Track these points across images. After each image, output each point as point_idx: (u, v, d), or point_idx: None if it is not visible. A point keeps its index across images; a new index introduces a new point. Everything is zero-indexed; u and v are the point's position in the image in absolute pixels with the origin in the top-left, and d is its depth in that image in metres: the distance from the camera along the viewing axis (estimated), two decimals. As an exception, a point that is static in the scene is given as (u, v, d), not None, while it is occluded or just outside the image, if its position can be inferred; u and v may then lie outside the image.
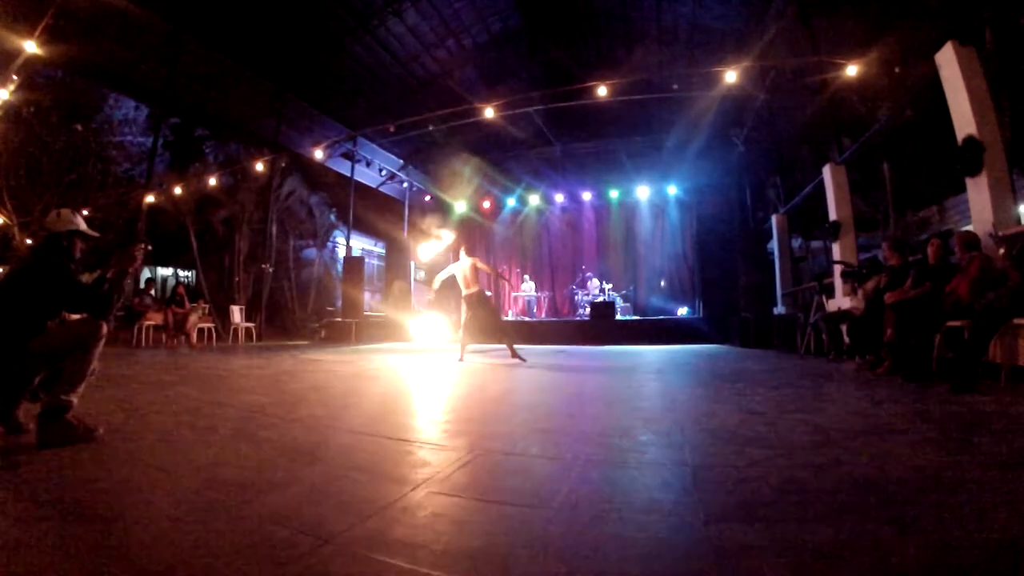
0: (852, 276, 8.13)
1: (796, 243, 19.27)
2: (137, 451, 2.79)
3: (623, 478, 2.30)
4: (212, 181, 17.53)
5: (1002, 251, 4.92)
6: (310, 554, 1.55)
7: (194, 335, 11.69)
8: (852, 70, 10.22)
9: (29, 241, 14.10)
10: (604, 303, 14.70)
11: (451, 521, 1.79)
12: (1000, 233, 5.82)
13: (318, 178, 20.67)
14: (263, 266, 17.84)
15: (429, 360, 8.86)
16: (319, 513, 1.86)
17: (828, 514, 1.81)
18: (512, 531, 1.70)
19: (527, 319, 17.73)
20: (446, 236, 8.12)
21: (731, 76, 11.55)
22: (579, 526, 1.73)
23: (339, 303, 18.95)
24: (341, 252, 21.18)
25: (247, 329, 14.94)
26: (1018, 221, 6.27)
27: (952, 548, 1.53)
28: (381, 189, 20.00)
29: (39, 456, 2.68)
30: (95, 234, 3.45)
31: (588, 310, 15.04)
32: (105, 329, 3.13)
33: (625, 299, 17.88)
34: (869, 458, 2.51)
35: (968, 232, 6.10)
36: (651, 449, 2.75)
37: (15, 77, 12.76)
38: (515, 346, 8.29)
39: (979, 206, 6.58)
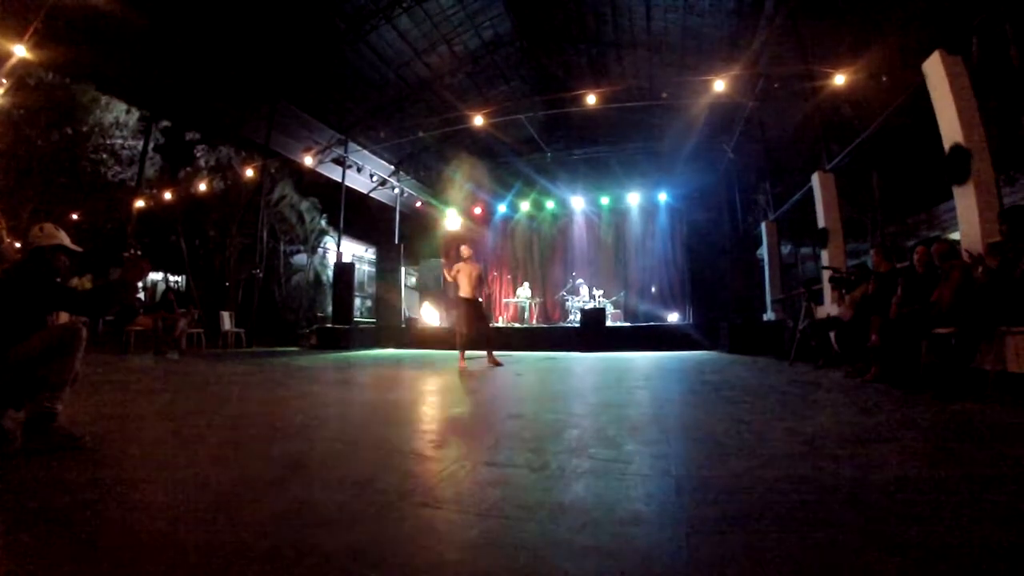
0: (840, 282, 8.17)
1: (786, 249, 19.37)
2: (123, 460, 2.78)
3: (607, 489, 2.30)
4: (202, 185, 17.48)
5: (980, 269, 4.96)
6: (292, 565, 1.54)
7: (183, 341, 11.61)
8: (840, 78, 10.31)
9: (18, 245, 14.01)
10: (594, 309, 14.68)
11: (433, 533, 1.79)
12: (986, 242, 5.86)
13: (309, 183, 20.64)
14: (253, 271, 17.77)
15: (417, 367, 8.85)
16: (302, 523, 1.85)
17: (810, 526, 1.81)
18: (494, 544, 1.69)
19: (518, 325, 17.69)
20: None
21: (720, 85, 11.63)
22: (561, 539, 1.73)
23: (330, 309, 18.90)
24: (331, 258, 21.13)
25: (237, 335, 14.86)
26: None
27: (935, 560, 1.54)
28: (372, 195, 19.97)
29: (25, 465, 2.66)
30: (78, 248, 3.43)
31: (578, 316, 15.02)
32: (85, 333, 3.13)
33: (615, 305, 17.89)
34: (853, 468, 2.52)
35: (944, 242, 6.14)
36: (636, 459, 2.75)
37: (4, 81, 12.70)
38: (495, 352, 8.79)
39: (966, 213, 6.63)
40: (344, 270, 16.93)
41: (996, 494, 2.11)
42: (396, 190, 19.97)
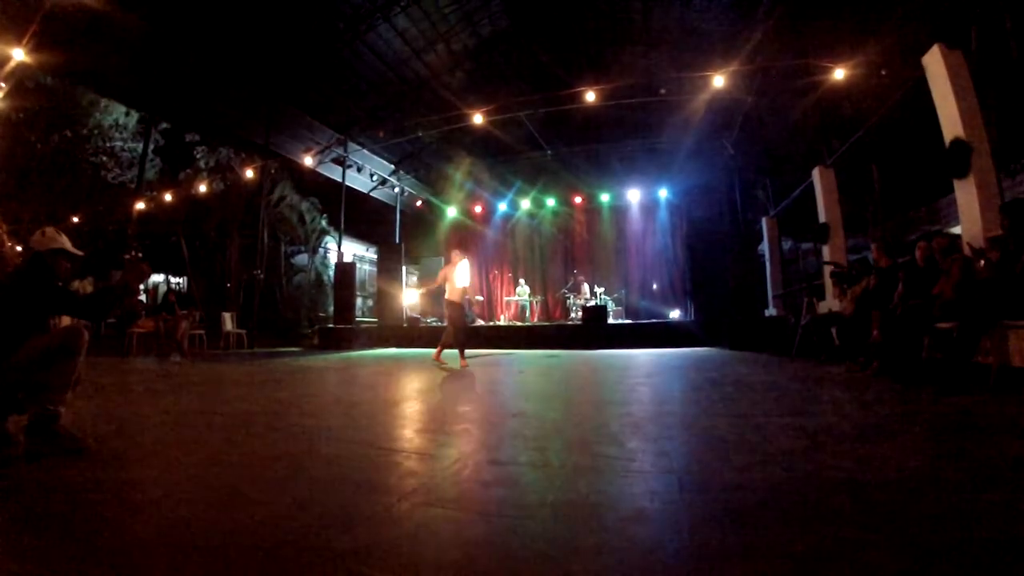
0: (841, 278, 8.16)
1: (786, 245, 19.37)
2: (125, 461, 2.79)
3: (610, 486, 2.30)
4: (202, 187, 17.48)
5: (982, 263, 4.94)
6: (294, 565, 1.54)
7: (185, 343, 11.60)
8: (840, 73, 10.29)
9: (19, 248, 14.01)
10: (596, 307, 14.68)
11: (436, 533, 1.79)
12: (987, 236, 5.86)
13: (309, 183, 20.64)
14: (254, 272, 17.78)
15: (418, 366, 8.84)
16: (305, 523, 1.86)
17: (812, 521, 1.81)
18: (497, 543, 1.70)
19: (519, 323, 17.70)
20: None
21: (719, 80, 11.61)
22: (564, 537, 1.73)
23: (331, 309, 18.91)
24: (332, 257, 21.14)
25: (238, 336, 14.87)
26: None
27: (935, 555, 1.54)
28: (372, 194, 19.97)
29: (27, 467, 2.67)
30: (79, 253, 3.44)
31: (580, 314, 15.02)
32: (87, 336, 3.13)
33: (617, 302, 17.88)
34: (855, 463, 2.52)
35: (945, 237, 6.14)
36: (639, 456, 2.75)
37: (3, 84, 12.70)
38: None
39: (967, 207, 6.62)
40: (345, 270, 16.91)
41: (997, 490, 2.11)
42: (396, 189, 19.97)
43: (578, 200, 19.95)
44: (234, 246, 19.84)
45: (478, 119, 14.01)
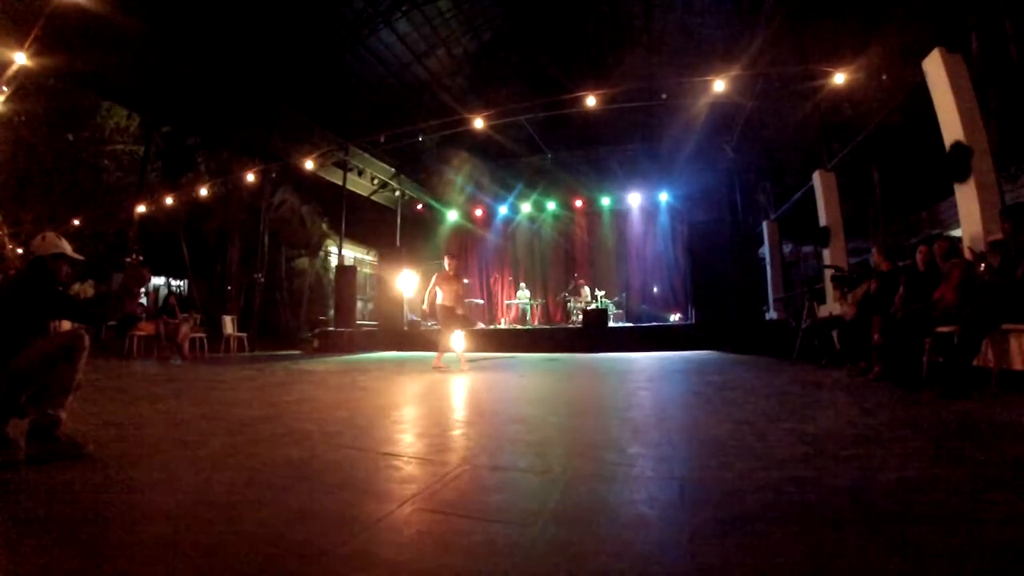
0: (842, 281, 8.15)
1: (787, 248, 19.36)
2: (126, 467, 2.78)
3: (610, 493, 2.30)
4: (204, 190, 17.47)
5: (983, 266, 4.94)
6: (295, 569, 1.54)
7: (186, 346, 11.60)
8: (840, 77, 10.30)
9: (20, 251, 14.03)
10: (597, 310, 14.67)
11: (436, 539, 1.79)
12: (988, 240, 5.87)
13: (310, 187, 20.63)
14: (255, 275, 17.77)
15: (418, 370, 8.84)
16: (307, 531, 1.85)
17: (813, 528, 1.81)
18: (497, 550, 1.69)
19: (520, 327, 17.69)
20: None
21: (720, 85, 11.61)
22: (564, 544, 1.72)
23: (332, 312, 18.88)
24: (333, 261, 21.14)
25: (239, 339, 14.86)
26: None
27: (937, 561, 1.53)
28: (373, 198, 19.96)
29: (28, 473, 2.66)
30: (80, 257, 3.46)
31: (581, 317, 15.01)
32: (88, 340, 3.13)
33: (618, 306, 17.87)
34: (856, 469, 2.52)
35: (946, 240, 6.14)
36: (640, 462, 2.74)
37: (5, 88, 12.71)
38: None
39: (968, 211, 6.62)
40: (346, 273, 16.90)
41: (998, 494, 2.11)
42: (397, 193, 19.97)
43: (579, 204, 19.93)
44: (235, 249, 19.80)
45: (479, 123, 14.00)
